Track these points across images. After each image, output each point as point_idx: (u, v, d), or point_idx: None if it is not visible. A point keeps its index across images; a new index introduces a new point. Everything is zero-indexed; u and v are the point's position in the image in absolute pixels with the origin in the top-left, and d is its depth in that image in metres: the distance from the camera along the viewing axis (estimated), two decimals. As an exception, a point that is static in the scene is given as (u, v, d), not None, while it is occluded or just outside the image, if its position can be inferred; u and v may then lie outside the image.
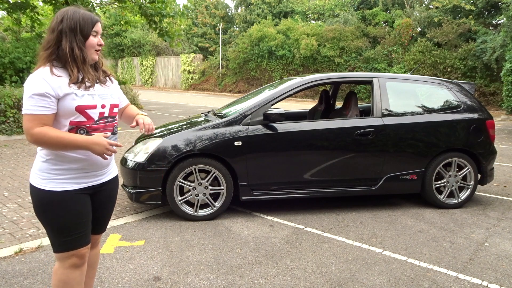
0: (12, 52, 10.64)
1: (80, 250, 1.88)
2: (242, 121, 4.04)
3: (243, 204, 4.32)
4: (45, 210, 1.82)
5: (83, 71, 1.80)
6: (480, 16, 19.06)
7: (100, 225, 2.10)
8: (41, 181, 1.81)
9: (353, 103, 4.66)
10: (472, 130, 4.44)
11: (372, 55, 21.05)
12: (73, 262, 1.88)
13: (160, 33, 12.72)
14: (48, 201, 1.81)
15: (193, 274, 2.87)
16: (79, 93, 1.78)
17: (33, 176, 1.85)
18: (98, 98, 1.85)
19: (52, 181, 1.80)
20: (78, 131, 1.80)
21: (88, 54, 1.83)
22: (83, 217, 1.88)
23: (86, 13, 1.83)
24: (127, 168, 3.98)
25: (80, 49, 1.78)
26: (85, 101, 1.78)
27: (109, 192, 2.05)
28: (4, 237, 3.46)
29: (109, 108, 1.89)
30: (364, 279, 2.85)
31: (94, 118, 1.82)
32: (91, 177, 1.90)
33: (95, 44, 1.84)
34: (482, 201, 4.69)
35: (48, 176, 1.81)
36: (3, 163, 6.24)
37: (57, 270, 1.90)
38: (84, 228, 1.89)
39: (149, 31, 31.86)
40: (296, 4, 28.79)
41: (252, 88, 24.15)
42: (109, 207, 2.10)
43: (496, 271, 2.99)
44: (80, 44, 1.79)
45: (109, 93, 1.93)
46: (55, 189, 1.80)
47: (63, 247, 1.85)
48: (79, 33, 1.79)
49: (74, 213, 1.84)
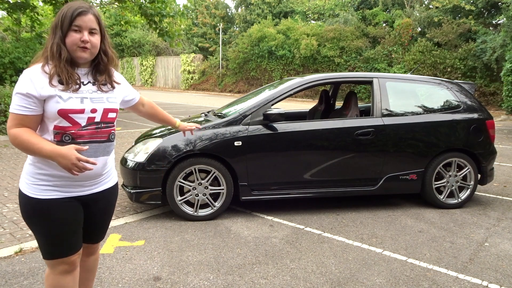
0: (12, 52, 10.65)
1: (69, 258, 1.78)
2: (242, 121, 4.04)
3: (243, 204, 4.32)
4: (31, 218, 1.73)
5: (59, 69, 1.63)
6: (480, 16, 19.06)
7: (97, 234, 1.99)
8: (27, 187, 1.70)
9: (353, 103, 4.66)
10: (472, 130, 4.44)
11: (372, 55, 21.06)
12: (63, 268, 1.78)
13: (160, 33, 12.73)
14: (32, 208, 1.70)
15: (193, 274, 2.87)
16: (64, 96, 1.63)
17: (21, 180, 1.76)
18: (89, 102, 1.69)
19: (37, 187, 1.69)
20: (63, 137, 1.65)
21: (70, 51, 1.65)
22: (70, 226, 1.75)
23: (73, 6, 1.66)
24: (127, 168, 3.98)
25: (57, 45, 1.63)
26: (70, 105, 1.63)
27: (105, 202, 1.91)
28: (4, 237, 3.46)
29: (101, 113, 1.72)
30: (364, 279, 2.85)
31: (81, 123, 1.66)
32: (78, 186, 1.75)
33: (77, 40, 1.64)
34: (482, 201, 4.69)
35: (33, 181, 1.70)
36: (3, 163, 6.24)
37: (48, 276, 1.81)
38: (73, 237, 1.78)
39: (149, 31, 31.88)
40: (296, 4, 28.80)
41: (252, 88, 24.14)
42: (106, 217, 1.98)
43: (496, 271, 2.99)
44: (58, 40, 1.64)
45: (106, 97, 1.76)
46: (40, 197, 1.68)
47: (51, 255, 1.76)
48: (59, 29, 1.65)
49: (60, 222, 1.72)
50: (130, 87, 2.04)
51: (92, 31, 1.68)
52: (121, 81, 1.92)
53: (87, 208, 1.84)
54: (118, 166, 4.28)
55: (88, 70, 1.76)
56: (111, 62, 1.80)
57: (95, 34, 1.70)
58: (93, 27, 1.68)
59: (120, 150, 6.94)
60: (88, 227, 1.89)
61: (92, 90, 1.73)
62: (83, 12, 1.65)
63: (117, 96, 1.86)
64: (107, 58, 1.78)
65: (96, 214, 1.89)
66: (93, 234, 1.96)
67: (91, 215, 1.87)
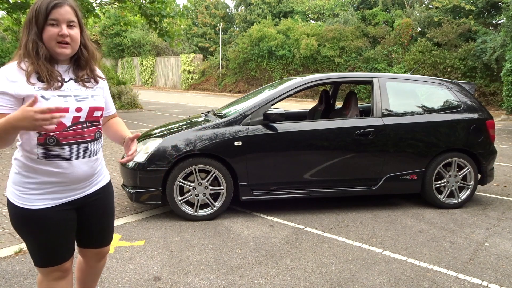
0: (12, 52, 10.65)
1: (62, 266, 1.70)
2: (242, 121, 4.04)
3: (243, 204, 4.32)
4: (20, 227, 1.64)
5: (37, 67, 1.51)
6: (480, 16, 19.07)
7: (103, 237, 1.89)
8: (15, 197, 1.60)
9: (353, 103, 4.66)
10: (472, 130, 4.44)
11: (372, 55, 21.07)
12: (56, 275, 1.71)
13: (160, 33, 12.73)
14: (21, 218, 1.61)
15: (193, 274, 2.87)
16: (46, 94, 1.51)
17: (8, 189, 1.65)
18: (73, 100, 1.57)
19: (25, 197, 1.58)
20: (47, 140, 1.54)
21: (49, 48, 1.54)
22: (62, 235, 1.67)
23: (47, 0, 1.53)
24: (127, 168, 3.98)
25: (33, 42, 1.52)
26: (53, 104, 1.48)
27: (101, 202, 1.81)
28: (4, 237, 3.46)
29: (87, 111, 1.61)
30: (364, 279, 2.85)
31: (66, 123, 1.55)
32: (70, 191, 1.66)
33: (55, 34, 1.52)
34: (482, 201, 4.69)
35: (22, 190, 1.59)
36: (3, 163, 6.24)
37: (41, 282, 1.73)
38: (65, 245, 1.70)
39: (149, 31, 31.88)
40: (296, 4, 28.82)
41: (252, 88, 24.15)
42: (107, 218, 1.88)
43: (496, 271, 2.99)
44: (34, 36, 1.52)
45: (91, 94, 1.65)
46: (30, 207, 1.58)
47: (43, 262, 1.67)
48: (34, 24, 1.52)
49: (52, 232, 1.63)
50: (110, 96, 1.90)
51: (70, 24, 1.56)
52: (105, 85, 1.81)
53: (83, 212, 1.76)
54: (118, 166, 4.27)
55: (69, 67, 1.65)
56: (92, 56, 1.69)
57: (73, 27, 1.57)
58: (71, 19, 1.56)
59: (120, 150, 6.94)
60: (91, 231, 1.83)
61: (75, 87, 1.62)
62: (59, 4, 1.53)
63: (102, 94, 1.75)
64: (87, 51, 1.66)
65: (94, 216, 1.81)
66: (99, 237, 1.88)
67: (89, 217, 1.79)
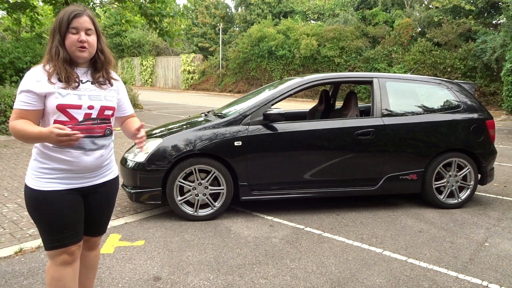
0: (12, 52, 10.64)
1: (69, 248, 1.88)
2: (242, 121, 4.04)
3: (243, 204, 4.32)
4: (34, 209, 1.84)
5: (58, 69, 1.77)
6: (480, 16, 19.08)
7: (97, 227, 2.07)
8: (31, 180, 1.83)
9: (353, 103, 4.66)
10: (472, 130, 4.44)
11: (372, 55, 21.06)
12: (63, 259, 1.88)
13: (160, 33, 12.74)
14: (35, 199, 1.82)
15: (193, 274, 2.87)
16: (63, 92, 1.77)
17: (27, 175, 1.88)
18: (87, 99, 1.81)
19: (40, 180, 1.81)
20: None
21: (70, 52, 1.80)
22: (71, 217, 1.86)
23: (69, 10, 1.80)
24: (127, 168, 3.98)
25: (56, 48, 1.78)
26: (68, 101, 1.76)
27: (105, 194, 2.01)
28: (4, 237, 3.46)
29: (98, 109, 1.84)
30: (364, 279, 2.85)
31: (78, 118, 1.79)
32: (79, 178, 1.87)
33: (75, 41, 1.78)
34: (482, 201, 4.69)
35: (37, 174, 1.82)
36: (3, 163, 6.24)
37: (49, 268, 1.91)
38: (73, 227, 1.88)
39: (149, 31, 31.88)
40: (296, 4, 28.82)
41: (252, 88, 24.14)
42: (106, 210, 2.06)
43: (496, 271, 2.99)
44: (57, 43, 1.79)
45: (104, 95, 1.88)
46: (42, 189, 1.81)
47: (53, 244, 1.86)
48: (58, 32, 1.79)
49: (61, 213, 1.83)
50: (127, 98, 2.10)
51: (88, 32, 1.81)
52: (120, 87, 2.02)
53: (87, 200, 1.94)
54: (118, 166, 4.27)
55: (87, 69, 1.89)
56: (108, 60, 1.92)
57: (91, 34, 1.83)
58: (89, 28, 1.82)
59: (120, 150, 6.95)
60: (88, 218, 1.98)
61: (90, 88, 1.85)
62: (78, 14, 1.79)
63: (115, 95, 1.97)
64: (103, 56, 1.90)
65: (96, 206, 1.99)
66: (94, 226, 2.04)
67: (91, 207, 1.97)
